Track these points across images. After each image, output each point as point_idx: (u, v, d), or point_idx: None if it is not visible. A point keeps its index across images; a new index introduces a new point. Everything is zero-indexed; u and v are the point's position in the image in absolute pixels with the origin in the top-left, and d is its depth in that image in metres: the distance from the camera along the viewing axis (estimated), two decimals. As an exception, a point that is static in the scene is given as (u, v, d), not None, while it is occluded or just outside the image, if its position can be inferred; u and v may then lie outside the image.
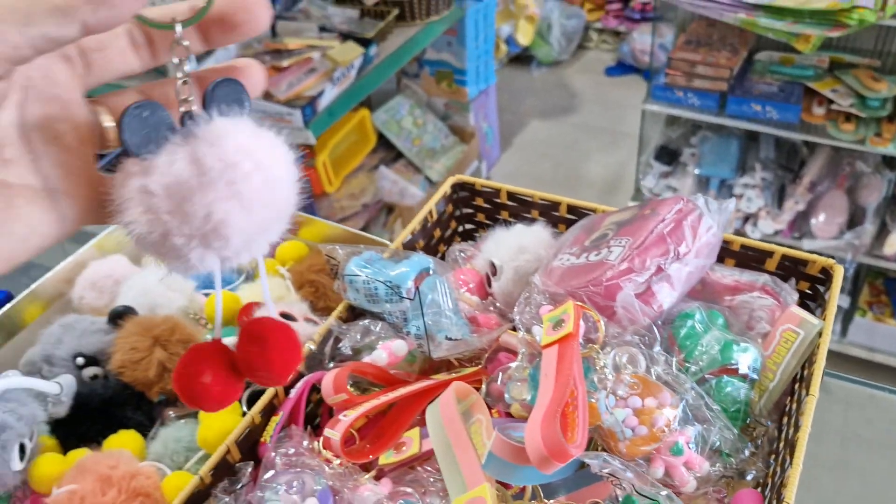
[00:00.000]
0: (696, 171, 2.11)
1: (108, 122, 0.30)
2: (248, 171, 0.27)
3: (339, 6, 2.17)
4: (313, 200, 2.24)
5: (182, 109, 0.28)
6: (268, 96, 1.82)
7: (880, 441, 0.93)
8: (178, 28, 0.29)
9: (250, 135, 0.28)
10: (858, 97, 1.81)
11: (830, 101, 1.84)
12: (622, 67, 3.47)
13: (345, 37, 2.01)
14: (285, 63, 1.90)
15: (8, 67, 0.26)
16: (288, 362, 0.33)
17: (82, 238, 0.96)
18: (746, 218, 2.03)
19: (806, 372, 0.64)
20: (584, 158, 3.00)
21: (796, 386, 0.66)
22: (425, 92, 2.63)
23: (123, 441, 0.69)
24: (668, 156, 2.18)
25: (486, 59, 2.58)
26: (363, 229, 1.95)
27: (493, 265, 0.74)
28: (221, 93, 0.29)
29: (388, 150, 2.51)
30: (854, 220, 1.94)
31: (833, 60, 1.91)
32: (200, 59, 1.87)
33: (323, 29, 2.05)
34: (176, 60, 0.29)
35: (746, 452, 0.61)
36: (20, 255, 0.28)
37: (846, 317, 2.02)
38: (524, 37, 3.32)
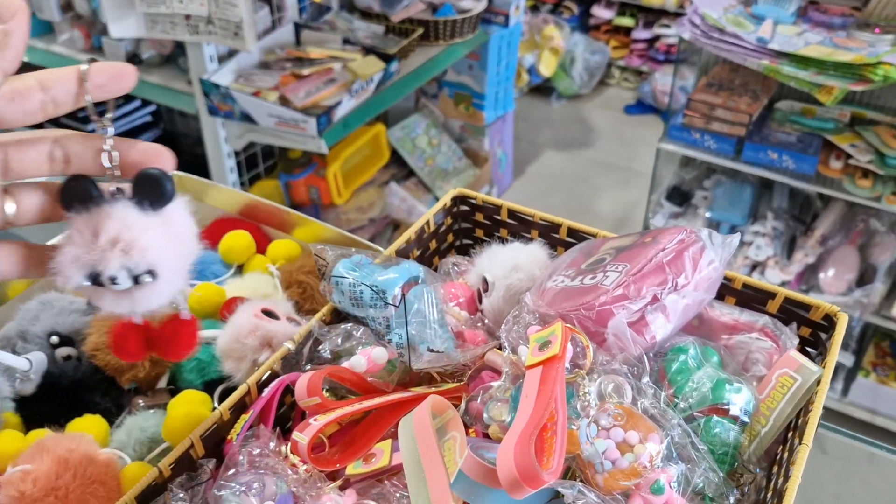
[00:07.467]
0: (707, 215, 2.09)
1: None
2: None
3: (366, 21, 2.18)
4: (320, 210, 2.23)
5: (112, 187, 0.39)
6: (285, 102, 1.82)
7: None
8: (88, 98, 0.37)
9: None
10: (878, 154, 1.79)
11: (848, 156, 1.82)
12: (641, 107, 3.47)
13: (368, 51, 2.01)
14: (306, 71, 1.90)
15: None
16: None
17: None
18: (754, 266, 2.00)
19: (801, 420, 0.61)
20: (595, 193, 2.99)
21: (789, 434, 0.63)
22: (442, 113, 2.63)
23: (87, 425, 0.66)
24: (680, 197, 2.16)
25: (507, 85, 2.58)
26: (367, 242, 1.93)
27: (485, 281, 0.72)
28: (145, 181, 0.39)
29: (400, 167, 2.51)
30: (864, 278, 1.90)
31: (854, 115, 1.89)
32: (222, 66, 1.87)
33: (347, 42, 2.05)
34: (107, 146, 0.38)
35: (731, 499, 0.58)
36: None
37: (849, 376, 1.98)
38: (547, 68, 3.33)
